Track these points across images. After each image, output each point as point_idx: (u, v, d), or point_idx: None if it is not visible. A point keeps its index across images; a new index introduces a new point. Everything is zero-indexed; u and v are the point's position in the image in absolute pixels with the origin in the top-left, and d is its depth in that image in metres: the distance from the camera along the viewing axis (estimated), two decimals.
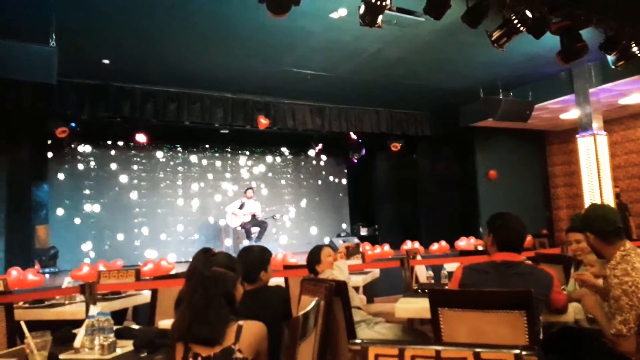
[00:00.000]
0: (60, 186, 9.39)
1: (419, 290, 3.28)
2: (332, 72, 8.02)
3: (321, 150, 11.70)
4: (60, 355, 1.98)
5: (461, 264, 2.53)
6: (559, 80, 8.89)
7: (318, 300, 2.22)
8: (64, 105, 7.66)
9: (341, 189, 12.68)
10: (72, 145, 9.49)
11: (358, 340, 1.22)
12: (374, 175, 12.52)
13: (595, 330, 2.40)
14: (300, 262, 5.86)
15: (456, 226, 10.92)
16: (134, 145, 9.98)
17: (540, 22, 5.29)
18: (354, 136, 11.00)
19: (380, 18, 4.68)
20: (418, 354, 1.15)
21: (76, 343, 2.13)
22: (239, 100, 8.99)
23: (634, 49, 6.08)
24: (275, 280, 3.75)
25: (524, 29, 5.13)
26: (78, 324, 2.44)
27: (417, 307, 2.79)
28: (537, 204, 11.86)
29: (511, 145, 11.58)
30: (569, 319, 2.49)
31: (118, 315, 3.63)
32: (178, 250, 10.01)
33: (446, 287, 3.16)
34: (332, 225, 12.19)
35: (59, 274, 8.06)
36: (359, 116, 10.18)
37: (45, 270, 8.00)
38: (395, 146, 10.92)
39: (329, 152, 12.19)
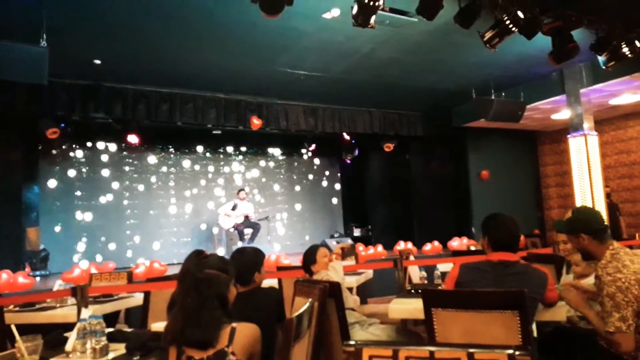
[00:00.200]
0: (51, 188, 9.29)
1: (412, 291, 3.28)
2: (325, 73, 8.02)
3: (314, 151, 11.69)
4: (51, 359, 1.97)
5: (456, 263, 2.54)
6: (551, 80, 8.95)
7: (312, 301, 2.22)
8: (55, 105, 7.58)
9: (334, 190, 12.67)
10: (63, 147, 9.41)
11: (352, 342, 1.21)
12: (367, 175, 12.53)
13: (589, 329, 2.42)
14: (294, 264, 5.86)
15: (449, 226, 10.95)
16: (125, 147, 9.91)
17: (532, 23, 5.34)
18: (347, 137, 11.01)
19: (373, 18, 4.69)
20: (412, 355, 1.15)
21: (68, 347, 2.12)
22: (232, 100, 8.95)
23: (625, 49, 6.14)
24: (268, 282, 3.74)
25: (516, 30, 5.17)
26: (69, 327, 2.43)
27: (411, 308, 2.79)
28: (529, 203, 11.94)
29: (503, 146, 11.65)
30: (561, 317, 2.51)
31: (110, 318, 3.61)
32: (170, 252, 9.95)
33: (439, 288, 3.18)
34: (325, 226, 12.18)
35: (49, 276, 7.97)
36: (352, 117, 10.18)
37: (36, 272, 7.91)
38: (388, 146, 10.93)
39: (322, 153, 12.18)
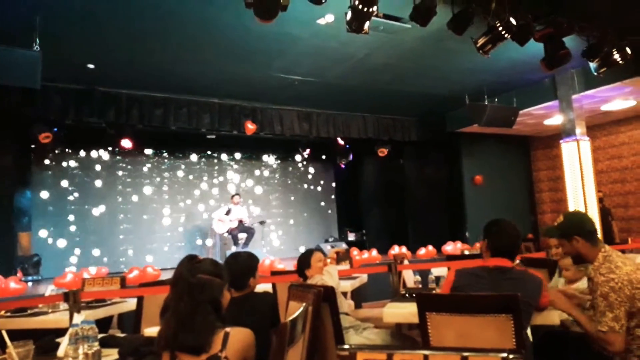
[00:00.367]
0: (44, 192, 9.24)
1: (407, 295, 3.27)
2: (320, 78, 8.04)
3: (309, 156, 11.70)
4: None
5: (451, 267, 2.54)
6: (543, 86, 9.02)
7: (306, 306, 2.21)
8: (48, 110, 7.54)
9: (329, 195, 12.68)
10: (56, 151, 9.36)
11: (346, 346, 1.21)
12: (362, 180, 12.55)
13: (582, 333, 2.42)
14: (288, 268, 5.85)
15: (443, 231, 10.99)
16: (119, 151, 9.88)
17: (524, 30, 5.39)
18: (341, 141, 11.03)
19: (367, 24, 4.71)
20: (406, 359, 1.15)
21: (60, 352, 2.10)
22: (226, 105, 8.95)
23: (616, 56, 6.22)
24: (262, 287, 3.73)
25: (509, 36, 5.22)
26: (62, 332, 2.40)
27: (405, 312, 2.79)
28: (523, 208, 12.01)
29: (497, 151, 11.72)
30: (554, 321, 2.51)
31: (103, 324, 3.59)
32: (164, 256, 9.90)
33: (434, 292, 3.18)
34: (320, 230, 12.18)
35: (42, 281, 7.91)
36: (347, 122, 10.20)
37: (28, 278, 7.84)
38: (383, 151, 10.97)
39: (317, 158, 12.20)
